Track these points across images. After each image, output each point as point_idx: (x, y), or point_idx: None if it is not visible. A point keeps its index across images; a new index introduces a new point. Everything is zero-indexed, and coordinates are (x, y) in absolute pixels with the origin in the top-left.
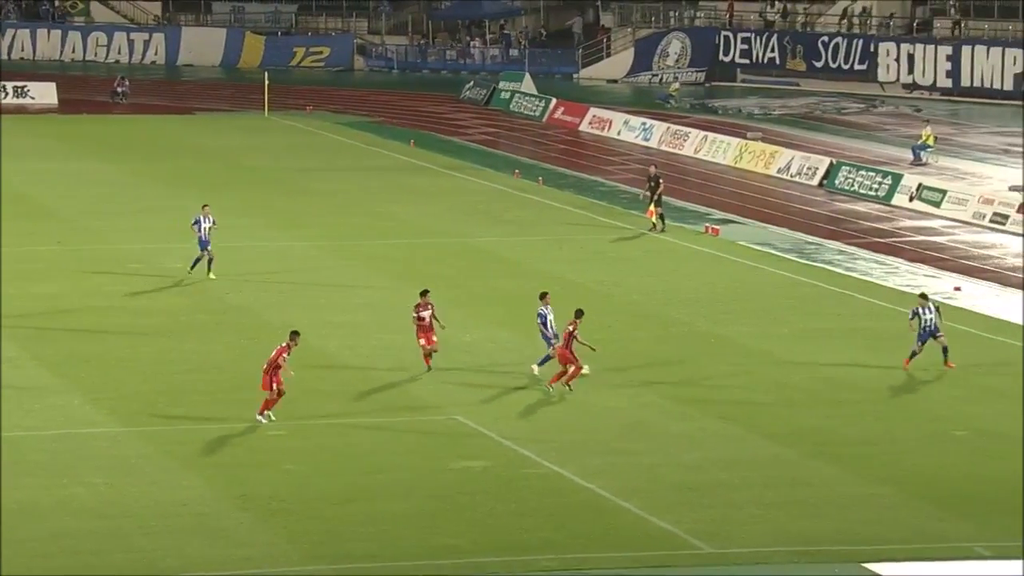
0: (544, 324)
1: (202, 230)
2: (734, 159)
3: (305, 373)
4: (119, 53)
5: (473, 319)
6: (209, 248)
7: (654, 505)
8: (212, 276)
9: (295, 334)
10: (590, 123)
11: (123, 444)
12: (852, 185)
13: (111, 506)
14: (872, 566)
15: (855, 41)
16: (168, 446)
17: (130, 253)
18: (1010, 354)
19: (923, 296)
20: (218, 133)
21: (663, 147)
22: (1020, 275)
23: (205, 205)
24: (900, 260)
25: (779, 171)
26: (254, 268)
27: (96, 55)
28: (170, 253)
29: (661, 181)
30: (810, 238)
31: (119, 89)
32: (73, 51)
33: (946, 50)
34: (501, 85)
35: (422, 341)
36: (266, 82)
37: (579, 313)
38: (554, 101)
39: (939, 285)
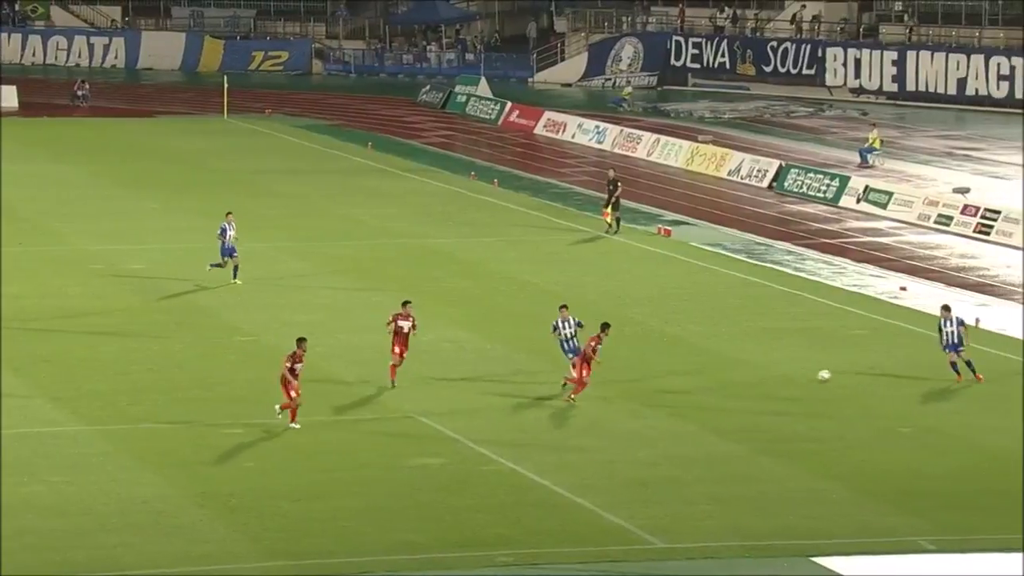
0: (555, 333)
1: (227, 237)
2: (686, 161)
3: (263, 372)
4: (79, 57)
5: (431, 319)
6: (236, 255)
7: (608, 501)
8: (238, 281)
9: (301, 340)
10: (545, 126)
11: (83, 443)
12: (801, 187)
13: (72, 504)
14: (820, 560)
15: (803, 46)
16: (128, 444)
17: (91, 254)
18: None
19: (945, 307)
20: (178, 136)
21: (616, 150)
22: (964, 275)
23: (229, 213)
24: (847, 260)
25: (730, 173)
26: (216, 270)
27: (56, 59)
28: (131, 254)
29: (619, 184)
30: (760, 239)
31: (79, 92)
32: (33, 55)
33: (892, 55)
34: (457, 89)
35: (397, 349)
36: (225, 85)
37: (605, 327)
38: (509, 104)
39: (885, 285)
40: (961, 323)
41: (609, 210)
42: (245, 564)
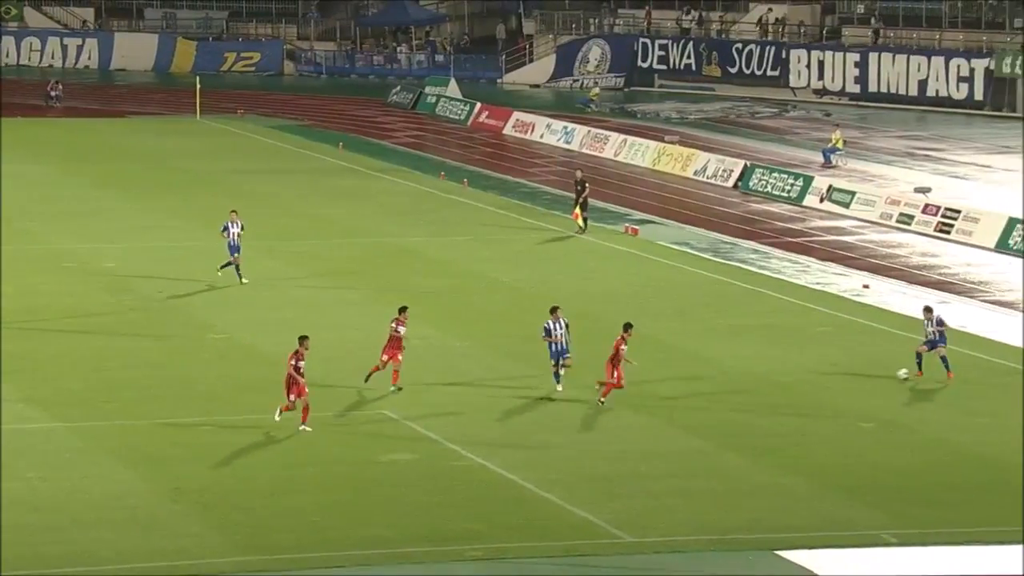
0: (547, 336)
1: (231, 235)
2: (652, 161)
3: (236, 369)
4: (53, 58)
5: None
6: (237, 254)
7: (575, 496)
8: (244, 280)
9: (304, 338)
10: (513, 127)
11: (57, 439)
12: (765, 187)
13: (45, 500)
14: (784, 553)
15: (768, 48)
16: (101, 441)
17: (64, 253)
18: (913, 348)
19: (927, 309)
20: (151, 136)
21: (584, 150)
22: (925, 273)
23: (233, 211)
24: (811, 259)
25: (696, 173)
26: (188, 268)
27: (30, 60)
28: (103, 253)
29: (587, 185)
30: (725, 238)
31: (52, 93)
32: (7, 56)
33: (854, 57)
34: (427, 90)
35: (385, 357)
36: (198, 86)
37: (627, 327)
38: (478, 105)
39: (848, 283)
40: (941, 323)
41: (578, 211)
42: (218, 559)
